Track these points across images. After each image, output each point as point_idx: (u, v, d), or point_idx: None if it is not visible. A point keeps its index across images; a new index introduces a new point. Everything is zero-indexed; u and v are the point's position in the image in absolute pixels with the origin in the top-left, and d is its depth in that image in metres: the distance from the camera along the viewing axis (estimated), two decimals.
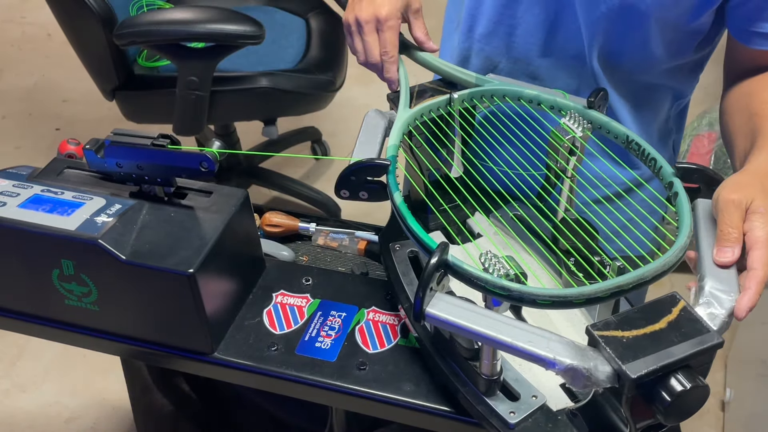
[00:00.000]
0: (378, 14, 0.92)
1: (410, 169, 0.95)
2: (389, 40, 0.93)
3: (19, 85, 2.78)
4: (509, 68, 1.02)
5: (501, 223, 1.00)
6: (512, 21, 0.98)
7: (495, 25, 1.00)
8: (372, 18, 0.93)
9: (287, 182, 2.25)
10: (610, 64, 0.97)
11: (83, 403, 1.81)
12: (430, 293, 0.67)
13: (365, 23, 0.93)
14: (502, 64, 1.02)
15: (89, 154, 0.90)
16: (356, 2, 0.95)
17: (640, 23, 0.91)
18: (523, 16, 0.97)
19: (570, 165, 0.89)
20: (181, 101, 1.70)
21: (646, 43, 0.93)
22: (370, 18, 0.93)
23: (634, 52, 0.95)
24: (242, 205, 0.92)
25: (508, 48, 1.01)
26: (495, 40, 1.01)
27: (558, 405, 0.79)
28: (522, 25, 0.98)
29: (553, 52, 0.99)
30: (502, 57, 1.02)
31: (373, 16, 0.93)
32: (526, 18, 0.97)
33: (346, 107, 2.47)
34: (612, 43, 0.95)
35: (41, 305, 0.94)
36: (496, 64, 1.03)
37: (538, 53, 0.99)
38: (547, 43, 0.98)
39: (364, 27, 0.93)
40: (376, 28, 0.93)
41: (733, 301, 0.69)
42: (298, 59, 1.89)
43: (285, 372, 0.89)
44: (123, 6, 1.82)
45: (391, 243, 0.95)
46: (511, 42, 1.00)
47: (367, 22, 0.93)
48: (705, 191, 0.79)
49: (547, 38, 0.98)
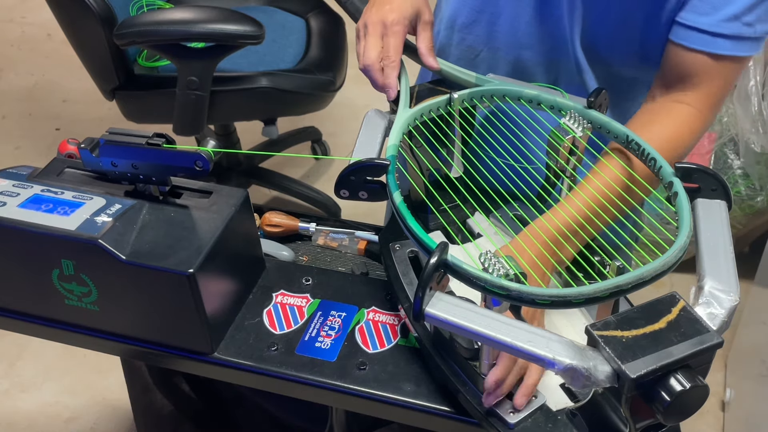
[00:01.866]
0: (385, 19, 0.93)
1: (410, 169, 0.95)
2: (392, 44, 0.93)
3: (19, 85, 2.78)
4: (489, 58, 1.02)
5: (501, 223, 1.00)
6: (495, 9, 0.99)
7: (477, 14, 1.00)
8: (378, 22, 0.93)
9: (287, 182, 2.25)
10: (593, 54, 0.97)
11: (83, 403, 1.81)
12: (429, 293, 0.67)
13: (371, 26, 0.93)
14: (483, 54, 1.02)
15: (85, 153, 0.90)
16: (369, 7, 0.96)
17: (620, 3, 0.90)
18: (505, 5, 0.98)
19: (570, 165, 0.89)
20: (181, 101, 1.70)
21: (627, 27, 0.93)
22: (377, 21, 0.93)
23: (616, 38, 0.94)
24: (242, 205, 0.92)
25: (490, 37, 1.01)
26: (477, 29, 1.01)
27: (558, 405, 0.79)
28: (504, 14, 0.98)
29: (535, 42, 0.99)
30: (483, 46, 1.02)
31: (380, 20, 0.93)
32: (509, 7, 0.98)
33: (346, 107, 2.47)
34: (595, 31, 0.94)
35: (41, 305, 0.94)
36: (477, 53, 1.02)
37: (520, 43, 0.99)
38: (530, 33, 0.98)
39: (369, 29, 0.93)
40: (381, 33, 0.93)
41: (733, 300, 0.69)
42: (298, 59, 1.89)
43: (285, 372, 0.89)
44: (123, 6, 1.82)
45: (391, 243, 0.95)
46: (493, 31, 1.00)
47: (373, 25, 0.93)
48: (705, 191, 0.79)
49: (529, 28, 0.98)
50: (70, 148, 1.01)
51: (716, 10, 0.85)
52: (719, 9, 0.85)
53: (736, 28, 0.86)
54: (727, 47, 0.87)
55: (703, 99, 0.91)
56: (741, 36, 0.87)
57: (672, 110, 0.92)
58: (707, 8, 0.85)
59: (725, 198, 0.79)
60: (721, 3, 0.85)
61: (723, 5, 0.85)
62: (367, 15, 0.95)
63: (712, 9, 0.85)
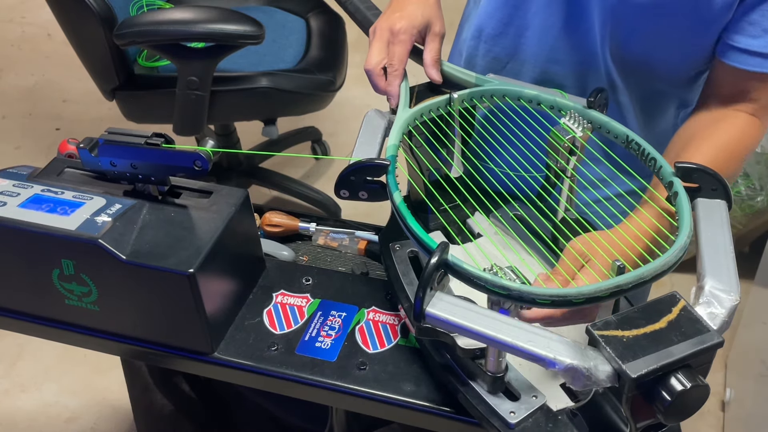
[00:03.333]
0: (393, 26, 0.93)
1: (410, 169, 0.95)
2: (396, 53, 0.92)
3: (19, 85, 2.78)
4: (516, 70, 1.01)
5: (501, 223, 1.00)
6: (522, 22, 0.98)
7: (504, 27, 0.99)
8: (387, 28, 0.93)
9: (287, 182, 2.25)
10: (625, 67, 0.96)
11: (83, 403, 1.81)
12: (430, 293, 0.67)
13: (379, 31, 0.93)
14: (509, 66, 1.02)
15: (84, 153, 0.90)
16: (384, 13, 0.96)
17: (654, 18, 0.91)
18: (534, 18, 0.97)
19: (570, 165, 0.89)
20: (181, 101, 1.70)
21: (661, 41, 0.93)
22: (385, 28, 0.93)
23: (649, 52, 0.94)
24: (242, 205, 0.92)
25: (517, 50, 1.00)
26: (504, 41, 1.00)
27: (558, 405, 0.79)
28: (532, 26, 0.97)
29: (563, 56, 0.98)
30: (509, 58, 1.01)
31: (388, 27, 0.93)
32: (537, 19, 0.97)
33: (346, 107, 2.47)
34: (628, 44, 0.94)
35: (41, 305, 0.94)
36: (504, 65, 1.02)
37: (548, 56, 0.98)
38: (558, 47, 0.97)
39: (377, 34, 0.94)
40: (388, 40, 0.93)
41: (733, 300, 0.69)
42: (298, 59, 1.89)
43: (285, 372, 0.89)
44: (123, 6, 1.82)
45: (391, 243, 0.95)
46: (521, 44, 0.99)
47: (381, 31, 0.93)
48: (705, 191, 0.79)
49: (557, 42, 0.97)
50: (70, 148, 1.01)
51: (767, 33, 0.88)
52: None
53: None
54: None
55: (761, 111, 0.93)
56: None
57: (732, 117, 0.93)
58: (758, 31, 0.88)
59: (725, 198, 0.79)
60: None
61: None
62: (379, 20, 0.95)
63: (762, 32, 0.88)
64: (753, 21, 0.88)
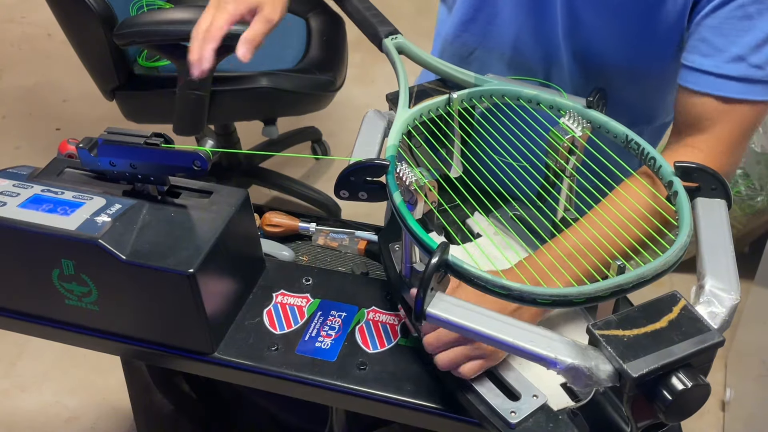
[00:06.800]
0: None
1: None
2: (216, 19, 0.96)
3: (19, 85, 2.78)
4: (483, 57, 1.02)
5: (501, 223, 1.00)
6: (493, 9, 0.99)
7: (475, 12, 1.00)
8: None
9: (287, 182, 2.25)
10: (583, 64, 0.96)
11: (83, 403, 1.81)
12: (430, 293, 0.67)
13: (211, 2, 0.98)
14: (476, 53, 1.03)
15: (83, 152, 0.90)
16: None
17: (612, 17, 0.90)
18: (504, 6, 0.98)
19: (569, 165, 0.89)
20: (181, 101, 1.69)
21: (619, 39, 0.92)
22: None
23: (606, 50, 0.94)
24: (242, 205, 0.92)
25: (485, 37, 1.01)
26: (473, 26, 1.01)
27: (559, 404, 0.79)
28: (501, 14, 0.98)
29: (528, 48, 0.99)
30: (477, 45, 1.02)
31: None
32: (507, 8, 0.98)
33: (346, 107, 2.47)
34: (587, 42, 0.94)
35: (41, 305, 0.94)
36: (471, 51, 1.03)
37: (513, 46, 0.99)
38: (523, 38, 0.98)
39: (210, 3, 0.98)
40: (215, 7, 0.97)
41: (733, 299, 0.69)
42: (298, 59, 1.89)
43: (285, 372, 0.89)
44: (123, 6, 1.82)
45: (391, 243, 0.95)
46: (489, 31, 1.00)
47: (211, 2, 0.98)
48: (705, 190, 0.79)
49: (523, 32, 0.98)
50: (70, 147, 1.01)
51: (719, 52, 0.82)
52: (723, 50, 0.83)
53: (743, 70, 0.82)
54: (736, 90, 0.83)
55: (714, 143, 0.86)
56: (751, 78, 0.83)
57: (677, 154, 0.87)
58: (710, 50, 0.83)
59: (725, 197, 0.79)
60: (725, 44, 0.82)
61: (727, 46, 0.82)
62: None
63: (714, 50, 0.83)
64: (704, 39, 0.84)
